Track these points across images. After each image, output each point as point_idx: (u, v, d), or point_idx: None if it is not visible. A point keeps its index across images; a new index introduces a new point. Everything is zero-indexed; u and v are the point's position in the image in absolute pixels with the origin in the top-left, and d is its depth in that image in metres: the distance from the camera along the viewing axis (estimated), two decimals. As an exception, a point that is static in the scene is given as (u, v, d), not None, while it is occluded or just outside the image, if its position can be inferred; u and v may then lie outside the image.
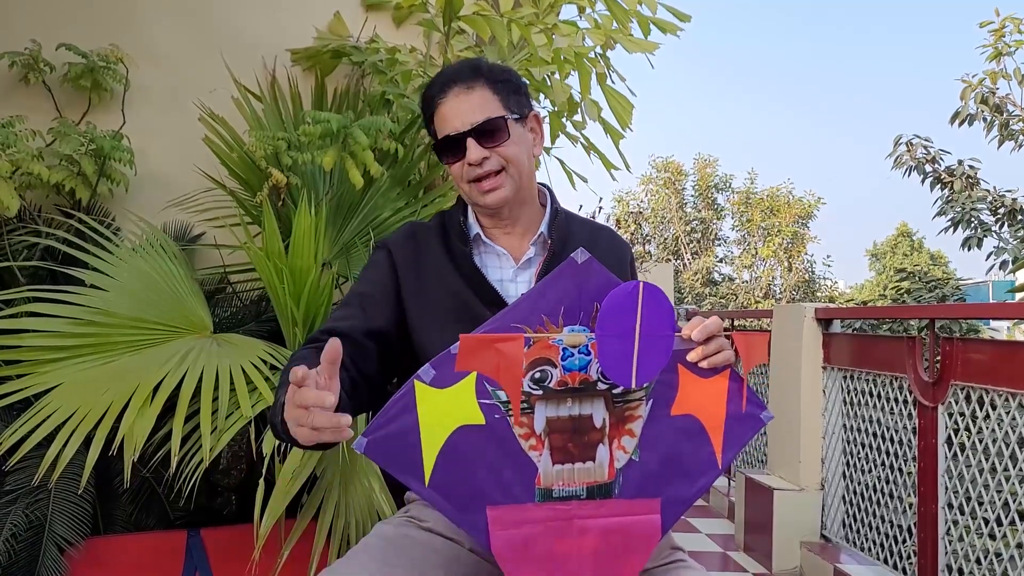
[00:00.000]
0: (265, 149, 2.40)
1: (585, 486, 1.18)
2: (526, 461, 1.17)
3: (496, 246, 1.43)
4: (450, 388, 1.12)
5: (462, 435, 1.14)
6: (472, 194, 1.39)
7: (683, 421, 1.22)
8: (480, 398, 1.14)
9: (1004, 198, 8.36)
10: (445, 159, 1.40)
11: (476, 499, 1.15)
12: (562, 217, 1.46)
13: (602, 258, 1.26)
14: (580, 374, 1.17)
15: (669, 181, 23.40)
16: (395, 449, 1.12)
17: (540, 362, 1.16)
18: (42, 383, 2.02)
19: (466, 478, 1.14)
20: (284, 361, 2.16)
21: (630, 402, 1.20)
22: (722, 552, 3.68)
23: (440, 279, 1.39)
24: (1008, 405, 2.45)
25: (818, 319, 3.51)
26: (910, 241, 22.16)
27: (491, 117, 1.35)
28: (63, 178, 2.41)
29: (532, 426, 1.17)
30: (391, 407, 1.12)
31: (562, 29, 2.65)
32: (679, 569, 1.31)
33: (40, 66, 2.57)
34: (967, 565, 2.59)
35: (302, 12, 2.97)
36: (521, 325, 1.15)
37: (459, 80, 1.38)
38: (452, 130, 1.36)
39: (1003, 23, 8.08)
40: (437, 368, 1.11)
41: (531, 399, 1.16)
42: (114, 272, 2.26)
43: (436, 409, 1.12)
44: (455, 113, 1.36)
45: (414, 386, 1.11)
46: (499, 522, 1.15)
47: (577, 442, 1.18)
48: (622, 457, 1.20)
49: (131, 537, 2.34)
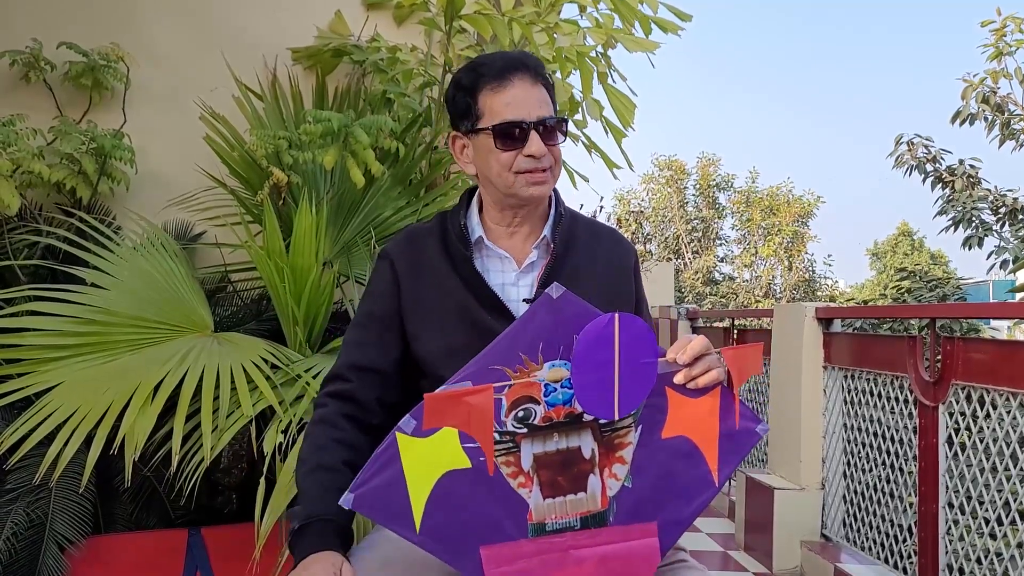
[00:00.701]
0: (266, 148, 2.40)
1: (579, 517, 1.18)
2: (516, 498, 1.16)
3: (498, 249, 1.40)
4: (432, 436, 1.12)
5: (449, 480, 1.13)
6: (517, 185, 1.33)
7: (675, 443, 1.21)
8: (464, 443, 1.13)
9: (1005, 197, 8.36)
10: (500, 144, 1.32)
11: (469, 540, 1.15)
12: (566, 219, 1.43)
13: (603, 261, 1.25)
14: (564, 408, 1.16)
15: (671, 179, 23.40)
16: (383, 501, 1.12)
17: (522, 400, 1.14)
18: (43, 382, 2.02)
19: (457, 521, 1.14)
20: (285, 360, 2.16)
21: (618, 430, 1.19)
22: (723, 551, 3.68)
23: (440, 283, 1.37)
24: (1009, 405, 2.44)
25: (819, 318, 3.50)
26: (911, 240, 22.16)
27: (556, 116, 1.34)
28: (64, 177, 2.41)
29: (519, 464, 1.16)
30: (375, 461, 1.12)
31: (563, 28, 2.65)
32: (681, 569, 1.31)
33: (41, 65, 2.57)
34: (967, 565, 2.58)
35: (303, 11, 2.97)
36: (500, 367, 1.14)
37: (527, 68, 1.34)
38: (520, 117, 1.31)
39: (1004, 22, 8.08)
40: (417, 418, 1.11)
41: (516, 438, 1.15)
42: (115, 271, 2.26)
43: (420, 458, 1.12)
44: (525, 100, 1.32)
45: (396, 438, 1.12)
46: (493, 560, 1.15)
47: (567, 475, 1.17)
48: (614, 485, 1.19)
49: (132, 536, 2.34)
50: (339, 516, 1.23)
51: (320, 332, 2.36)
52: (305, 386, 2.07)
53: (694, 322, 5.73)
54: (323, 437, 1.23)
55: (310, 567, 1.15)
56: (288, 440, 1.96)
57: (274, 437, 1.95)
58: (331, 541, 1.20)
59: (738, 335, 4.65)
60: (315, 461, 1.26)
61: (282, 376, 2.11)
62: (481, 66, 1.36)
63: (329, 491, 1.22)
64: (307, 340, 2.31)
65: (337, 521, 1.23)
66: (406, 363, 1.38)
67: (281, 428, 1.97)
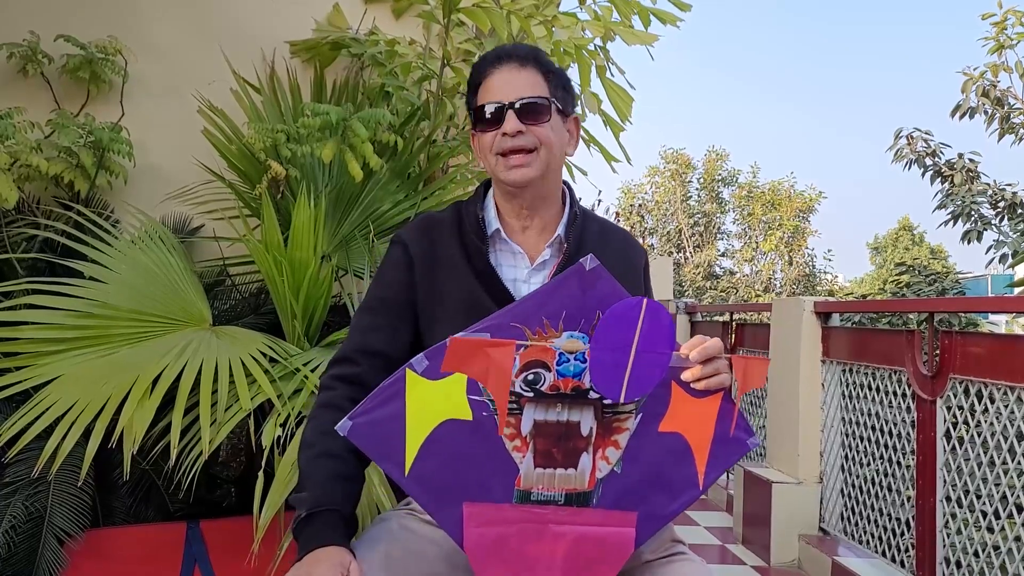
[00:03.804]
0: (264, 141, 2.40)
1: (564, 492, 1.18)
2: (508, 461, 1.16)
3: (513, 244, 1.39)
4: (442, 380, 1.12)
5: (448, 429, 1.14)
6: (497, 168, 1.35)
7: (670, 438, 1.21)
8: (470, 394, 1.13)
9: (1004, 192, 8.35)
10: (480, 126, 1.36)
11: (454, 494, 1.15)
12: (579, 219, 1.43)
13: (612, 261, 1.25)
14: (573, 380, 1.16)
15: (676, 173, 23.36)
16: (379, 435, 1.12)
17: (534, 364, 1.15)
18: (41, 375, 2.02)
19: (447, 472, 1.14)
20: (283, 354, 2.16)
21: (619, 414, 1.19)
22: (720, 545, 3.69)
23: (453, 275, 1.36)
24: (1007, 398, 2.45)
25: (817, 312, 3.50)
26: (911, 235, 22.15)
27: (537, 95, 1.34)
28: (62, 170, 2.41)
29: (519, 427, 1.16)
30: (380, 393, 1.12)
31: (562, 21, 2.64)
32: (680, 561, 1.31)
33: (38, 57, 2.57)
34: (965, 558, 2.59)
35: (301, 4, 2.96)
36: (520, 325, 1.15)
37: (515, 56, 1.36)
38: (496, 100, 1.33)
39: (1005, 16, 8.06)
40: (431, 359, 1.11)
41: (521, 400, 1.16)
42: (113, 264, 2.26)
43: (425, 400, 1.12)
44: (502, 84, 1.34)
45: (405, 374, 1.11)
46: (474, 519, 1.15)
47: (562, 448, 1.18)
48: (604, 468, 1.20)
49: (130, 529, 2.35)
50: (346, 506, 1.23)
51: (318, 326, 2.36)
52: (303, 380, 2.07)
53: (693, 316, 5.74)
54: (331, 423, 1.23)
55: (318, 564, 1.14)
56: (286, 433, 1.96)
57: (272, 430, 1.95)
58: (338, 532, 1.20)
59: (736, 329, 4.65)
60: (321, 447, 1.25)
61: (280, 370, 2.11)
62: (481, 60, 1.40)
63: (336, 479, 1.22)
64: (305, 334, 2.31)
65: (343, 511, 1.22)
66: (414, 351, 1.38)
67: (279, 421, 1.97)
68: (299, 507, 1.22)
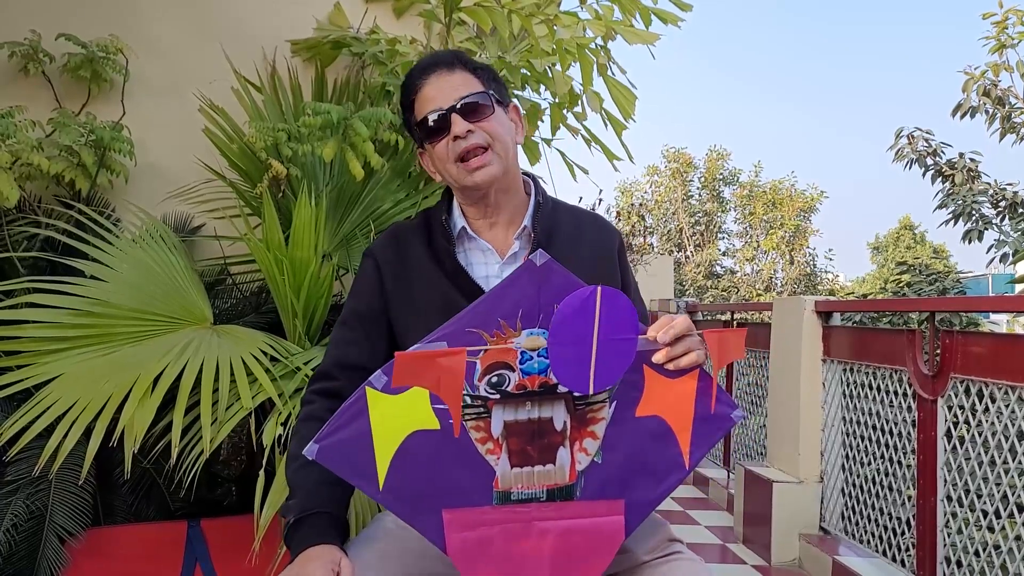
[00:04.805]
0: (265, 140, 2.39)
1: (545, 488, 1.17)
2: (483, 464, 1.15)
3: (481, 240, 1.40)
4: (402, 394, 1.11)
5: (417, 440, 1.12)
6: (459, 175, 1.35)
7: (649, 422, 1.20)
8: (434, 403, 1.12)
9: (1005, 191, 8.34)
10: (429, 140, 1.37)
11: (431, 502, 1.14)
12: (547, 207, 1.43)
13: (588, 248, 1.24)
14: (540, 377, 1.15)
15: (677, 172, 23.33)
16: (347, 454, 1.11)
17: (497, 366, 1.14)
18: (42, 374, 2.02)
19: (421, 482, 1.13)
20: (284, 352, 2.16)
21: (592, 404, 1.18)
22: (721, 544, 3.69)
23: (425, 279, 1.37)
24: (1008, 398, 2.45)
25: (818, 312, 3.50)
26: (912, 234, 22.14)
27: (475, 91, 1.35)
28: (63, 169, 2.41)
29: (489, 430, 1.15)
30: (342, 414, 1.11)
31: (563, 20, 2.64)
32: (677, 561, 1.31)
33: (39, 56, 2.56)
34: (966, 557, 2.59)
35: (302, 3, 2.96)
36: (477, 330, 1.13)
37: (441, 62, 1.38)
38: (436, 108, 1.34)
39: (1006, 15, 8.05)
40: (388, 374, 1.10)
41: (488, 403, 1.14)
42: (114, 263, 2.26)
43: (389, 415, 1.11)
44: (437, 91, 1.35)
45: (365, 393, 1.11)
46: (455, 524, 1.14)
47: (536, 445, 1.16)
48: (584, 459, 1.18)
49: (131, 528, 2.35)
50: (334, 508, 1.24)
51: (319, 325, 2.36)
52: (304, 378, 2.07)
53: (694, 315, 5.74)
54: (312, 434, 1.24)
55: (309, 563, 1.15)
56: (287, 432, 1.96)
57: (273, 429, 1.95)
58: (328, 534, 1.20)
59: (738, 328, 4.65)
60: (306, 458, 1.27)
61: (281, 368, 2.12)
62: (407, 78, 1.42)
63: (322, 484, 1.23)
64: (306, 333, 2.31)
65: (333, 513, 1.23)
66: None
67: (280, 420, 1.97)
68: (288, 514, 1.23)
